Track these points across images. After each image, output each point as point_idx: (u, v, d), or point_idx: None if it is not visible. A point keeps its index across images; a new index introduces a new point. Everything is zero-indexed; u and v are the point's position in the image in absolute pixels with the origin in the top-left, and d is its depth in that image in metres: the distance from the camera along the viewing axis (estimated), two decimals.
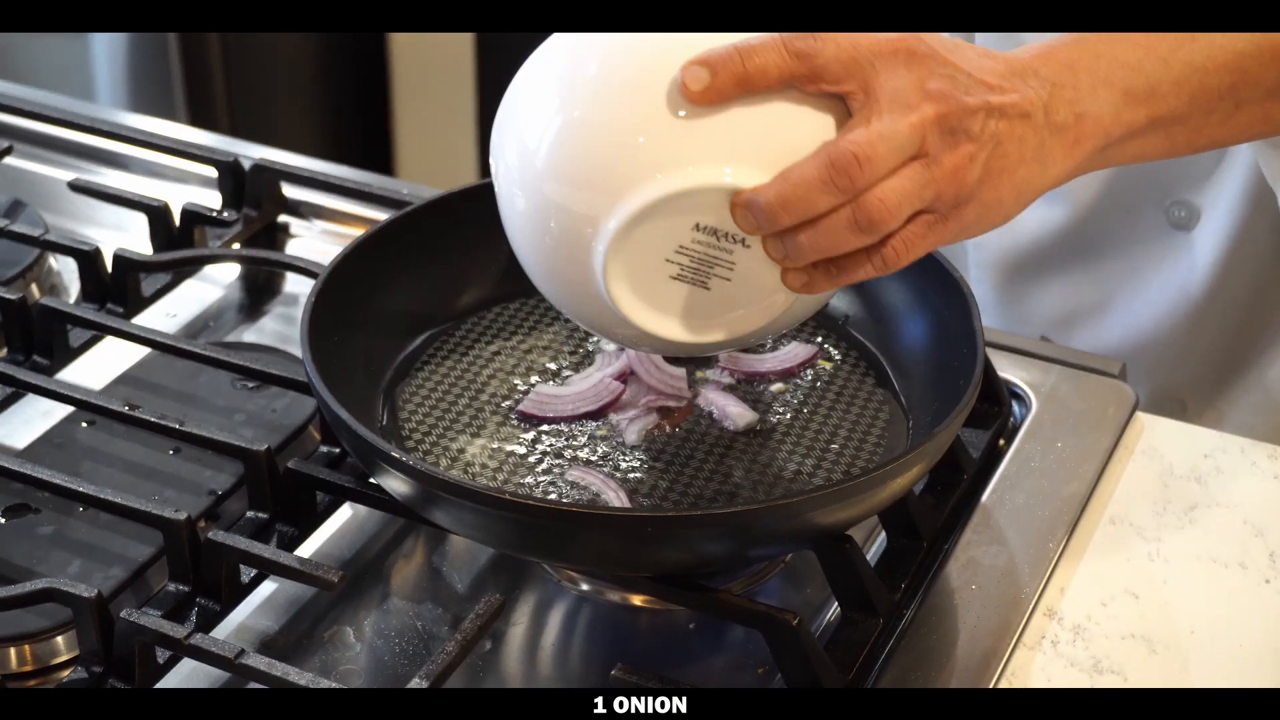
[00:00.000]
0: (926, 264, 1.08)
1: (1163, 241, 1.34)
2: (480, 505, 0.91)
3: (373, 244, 1.11)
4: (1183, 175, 1.32)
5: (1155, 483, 1.11)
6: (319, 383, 0.98)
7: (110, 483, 1.06)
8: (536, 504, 0.93)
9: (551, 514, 0.91)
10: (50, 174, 1.45)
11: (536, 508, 0.92)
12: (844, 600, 0.98)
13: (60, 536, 1.04)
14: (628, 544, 0.92)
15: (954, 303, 1.06)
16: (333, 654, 1.01)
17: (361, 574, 1.07)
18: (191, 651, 0.91)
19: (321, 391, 0.97)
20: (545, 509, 0.92)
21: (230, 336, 1.29)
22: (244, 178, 1.33)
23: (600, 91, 0.90)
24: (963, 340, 1.03)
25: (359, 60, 2.98)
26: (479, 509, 0.91)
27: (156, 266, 1.23)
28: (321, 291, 1.05)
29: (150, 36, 2.56)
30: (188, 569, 0.98)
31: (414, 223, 1.15)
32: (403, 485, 0.94)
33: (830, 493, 0.91)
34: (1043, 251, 1.37)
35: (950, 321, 1.06)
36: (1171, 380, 1.38)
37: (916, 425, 1.06)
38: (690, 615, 1.03)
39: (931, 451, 0.95)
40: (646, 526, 0.91)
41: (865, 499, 0.92)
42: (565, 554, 0.98)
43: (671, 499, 1.00)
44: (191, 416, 1.11)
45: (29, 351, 1.17)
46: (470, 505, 0.91)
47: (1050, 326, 1.39)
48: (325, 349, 1.02)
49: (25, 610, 0.98)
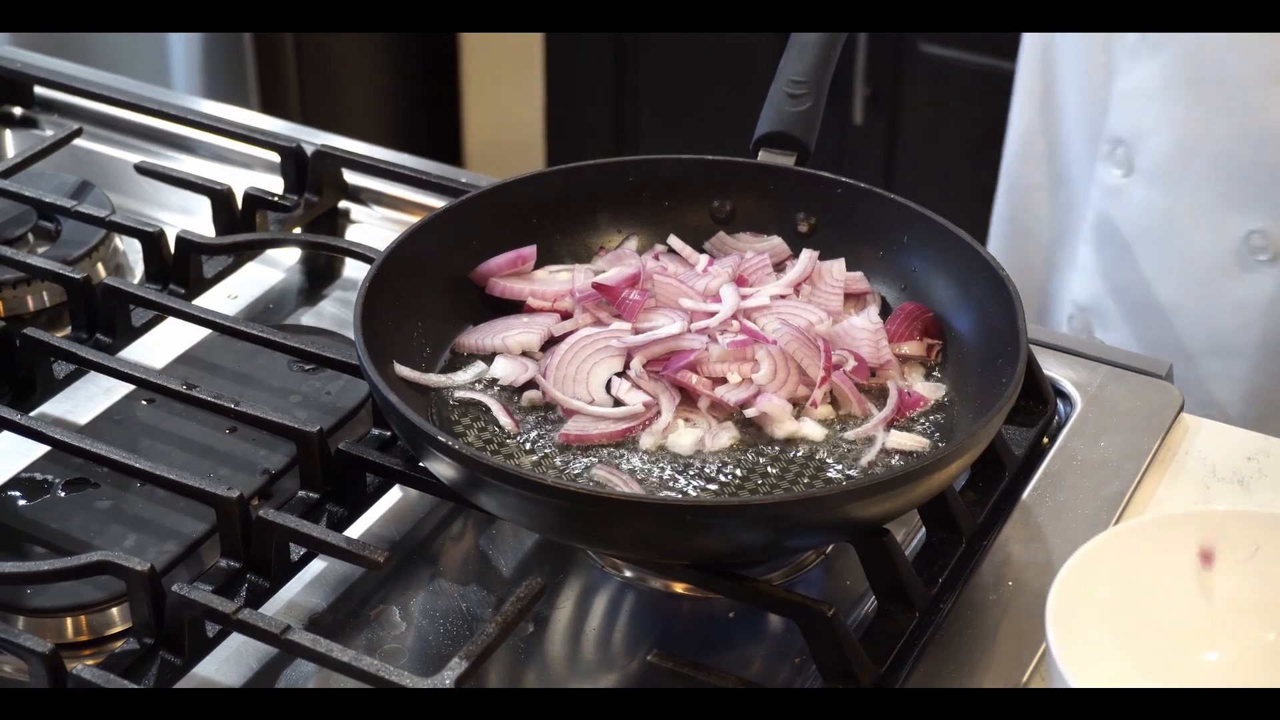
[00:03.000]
0: (973, 260, 1.09)
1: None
2: (523, 490, 0.93)
3: (429, 230, 1.14)
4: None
5: (1198, 484, 1.11)
6: (369, 366, 1.00)
7: (167, 460, 1.08)
8: (578, 490, 0.95)
9: (593, 500, 0.93)
10: (121, 156, 1.48)
11: (578, 494, 0.94)
12: (880, 593, 0.99)
13: (118, 511, 1.07)
14: (666, 531, 0.94)
15: (1000, 299, 1.06)
16: (378, 632, 1.03)
17: (410, 555, 1.09)
18: (239, 626, 0.94)
19: (371, 375, 0.99)
20: (587, 495, 0.94)
21: (290, 319, 1.31)
22: (306, 163, 1.36)
23: None
24: (1007, 339, 1.04)
25: (429, 51, 3.01)
26: (521, 494, 0.93)
27: (217, 249, 1.26)
28: (376, 276, 1.07)
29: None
30: (239, 546, 1.01)
31: (471, 210, 1.17)
32: (448, 469, 0.96)
33: (866, 487, 0.92)
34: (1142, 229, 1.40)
35: (995, 319, 1.07)
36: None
37: (961, 421, 1.07)
38: (730, 604, 1.05)
39: (967, 451, 0.96)
40: (685, 515, 0.93)
41: (901, 494, 0.93)
42: (605, 540, 1.00)
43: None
44: (248, 397, 1.13)
45: (92, 330, 1.20)
46: (513, 490, 0.93)
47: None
48: (379, 333, 1.05)
49: (82, 581, 1.00)
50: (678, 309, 1.12)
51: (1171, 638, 0.94)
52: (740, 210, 1.21)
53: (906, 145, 2.63)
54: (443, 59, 3.02)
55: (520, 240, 1.18)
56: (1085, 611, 0.91)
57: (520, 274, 1.17)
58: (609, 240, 1.21)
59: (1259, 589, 0.94)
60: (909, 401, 1.07)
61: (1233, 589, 0.94)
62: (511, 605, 0.94)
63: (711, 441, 1.04)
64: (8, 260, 1.23)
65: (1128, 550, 0.94)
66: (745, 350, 1.07)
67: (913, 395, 1.08)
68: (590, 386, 1.08)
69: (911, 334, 1.11)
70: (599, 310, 1.12)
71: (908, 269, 1.15)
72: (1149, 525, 0.96)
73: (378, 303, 1.07)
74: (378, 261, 1.09)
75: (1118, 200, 1.51)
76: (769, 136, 1.21)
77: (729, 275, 1.14)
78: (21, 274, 1.25)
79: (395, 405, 0.98)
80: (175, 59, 2.63)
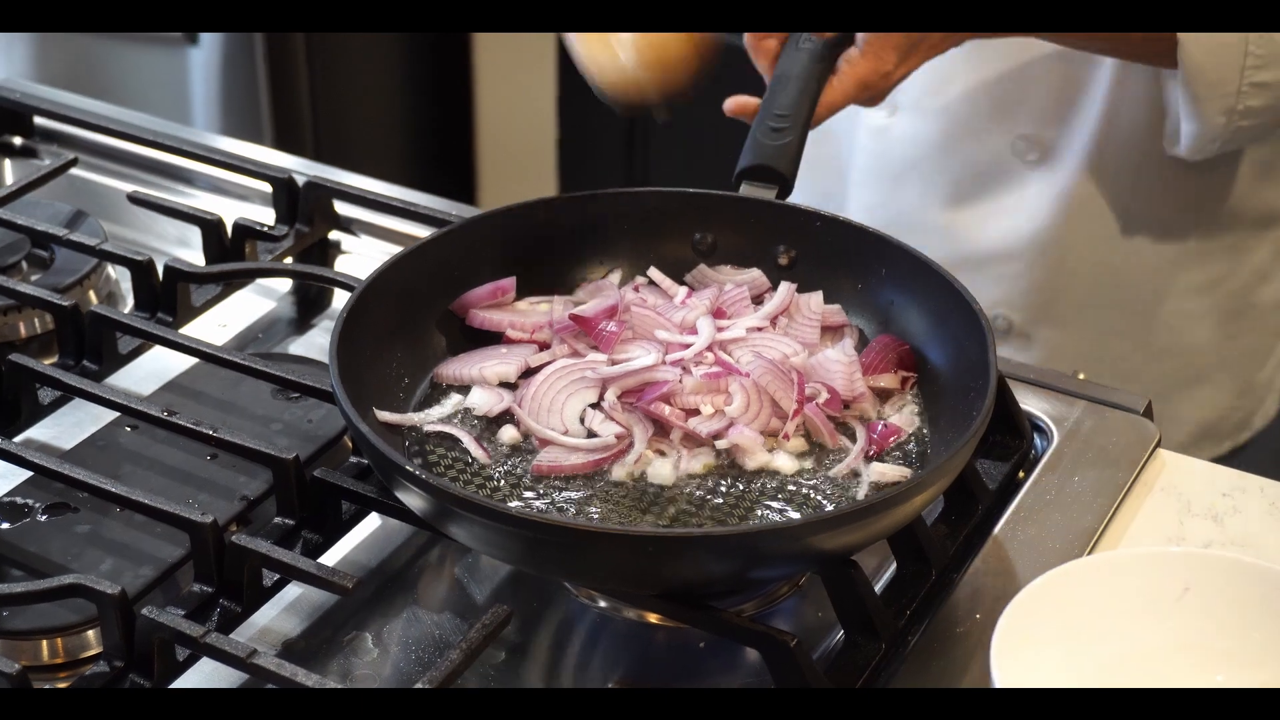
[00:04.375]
0: (948, 293, 1.10)
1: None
2: (486, 520, 0.94)
3: (411, 260, 1.15)
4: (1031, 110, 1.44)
5: (1172, 519, 1.11)
6: (341, 394, 1.01)
7: (148, 485, 1.10)
8: (544, 521, 0.95)
9: (556, 530, 0.94)
10: (121, 187, 1.49)
11: (544, 524, 0.94)
12: (847, 623, 1.00)
13: (96, 535, 1.08)
14: (632, 562, 0.94)
15: (973, 333, 1.07)
16: (350, 659, 1.04)
17: (387, 583, 1.10)
18: (207, 650, 0.95)
19: (343, 403, 1.00)
20: (552, 526, 0.95)
21: (279, 348, 1.32)
22: (298, 194, 1.37)
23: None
24: (979, 372, 1.04)
25: (443, 91, 3.03)
26: (485, 524, 0.94)
27: (204, 278, 1.27)
28: (354, 306, 1.08)
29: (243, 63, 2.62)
30: (212, 570, 1.02)
31: (453, 241, 1.18)
32: (415, 499, 0.97)
33: (828, 519, 0.93)
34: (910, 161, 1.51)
35: (969, 351, 1.07)
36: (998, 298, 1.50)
37: (935, 451, 1.07)
38: (702, 634, 1.05)
39: (931, 485, 0.97)
40: (648, 546, 0.93)
41: (864, 527, 0.94)
42: (571, 570, 1.00)
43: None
44: (229, 424, 1.15)
45: (79, 356, 1.22)
46: (477, 520, 0.94)
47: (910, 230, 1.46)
48: (356, 362, 1.06)
49: (58, 605, 1.01)
50: (654, 340, 1.13)
51: (1114, 675, 0.94)
52: (722, 242, 1.22)
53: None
54: (456, 96, 3.03)
55: (502, 271, 1.19)
56: (1027, 652, 0.92)
57: (500, 305, 1.18)
58: (592, 272, 1.22)
59: (1193, 629, 0.95)
60: (886, 433, 1.08)
61: (1171, 629, 0.95)
62: (476, 632, 0.95)
63: (686, 465, 1.05)
64: (1, 288, 1.25)
65: (1073, 588, 0.95)
66: (718, 383, 1.08)
67: (889, 427, 1.08)
68: (564, 417, 1.08)
69: (887, 366, 1.12)
70: (576, 341, 1.13)
71: (885, 301, 1.16)
72: (1092, 564, 0.97)
73: (355, 332, 1.08)
74: (356, 291, 1.10)
75: (884, 137, 1.55)
76: (751, 170, 1.22)
77: (706, 307, 1.15)
78: (12, 301, 1.26)
79: (365, 434, 0.99)
80: (196, 97, 2.66)
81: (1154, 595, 0.96)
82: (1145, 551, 1.00)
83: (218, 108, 2.67)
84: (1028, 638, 0.92)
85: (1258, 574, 0.96)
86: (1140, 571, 0.97)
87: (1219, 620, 0.95)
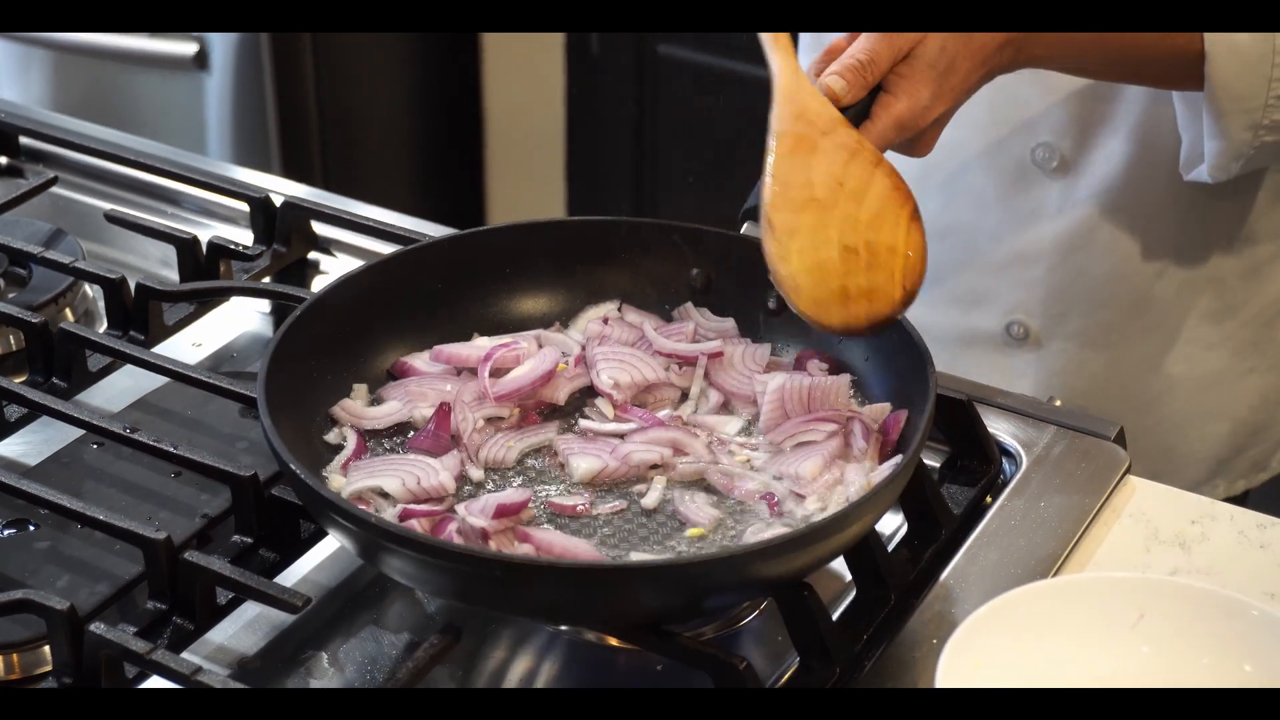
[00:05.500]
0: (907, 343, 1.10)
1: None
2: (414, 553, 0.93)
3: (353, 285, 1.15)
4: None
5: (1138, 546, 1.10)
6: (267, 421, 1.01)
7: (109, 503, 1.10)
8: (476, 554, 0.94)
9: (491, 564, 0.93)
10: (103, 206, 1.49)
11: (476, 558, 0.94)
12: (801, 648, 0.99)
13: (54, 552, 1.08)
14: (568, 597, 0.94)
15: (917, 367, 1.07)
16: (304, 678, 1.03)
17: (347, 602, 1.10)
18: (153, 666, 0.94)
19: (268, 429, 1.00)
20: (484, 559, 0.94)
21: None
22: (274, 214, 1.37)
23: None
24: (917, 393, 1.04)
25: (453, 122, 3.04)
26: (415, 558, 0.94)
27: (176, 296, 1.27)
28: (291, 328, 1.09)
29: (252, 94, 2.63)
30: (165, 587, 1.01)
31: (430, 257, 1.18)
32: (342, 534, 0.97)
33: (773, 547, 0.92)
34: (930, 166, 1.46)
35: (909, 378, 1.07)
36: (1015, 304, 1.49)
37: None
38: (660, 657, 1.04)
39: (872, 509, 0.96)
40: (589, 580, 0.93)
41: (807, 552, 0.93)
42: (506, 605, 1.00)
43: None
44: (195, 442, 1.14)
45: (49, 374, 1.22)
46: (408, 554, 0.94)
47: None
48: (294, 387, 1.06)
49: (13, 621, 1.01)
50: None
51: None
52: (716, 281, 1.21)
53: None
54: (465, 127, 3.04)
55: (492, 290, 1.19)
56: (976, 674, 0.91)
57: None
58: (578, 302, 1.22)
59: (1146, 655, 0.94)
60: (893, 423, 1.09)
61: (1124, 655, 0.94)
62: (423, 653, 0.94)
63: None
64: None
65: (1025, 612, 0.94)
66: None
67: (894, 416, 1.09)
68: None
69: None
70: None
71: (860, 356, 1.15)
72: (1046, 588, 0.97)
73: (293, 354, 1.08)
74: (295, 313, 1.10)
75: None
76: (755, 210, 1.20)
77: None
78: None
79: (285, 460, 0.99)
80: (211, 127, 2.68)
81: (1108, 621, 0.95)
82: (1100, 576, 0.99)
83: (229, 133, 2.68)
84: (977, 660, 0.91)
85: (1214, 600, 0.95)
86: (1095, 597, 0.96)
87: (1172, 647, 0.94)
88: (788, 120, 1.12)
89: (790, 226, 1.09)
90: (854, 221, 1.11)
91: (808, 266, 1.09)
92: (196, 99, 2.66)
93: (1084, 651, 0.94)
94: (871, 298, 1.10)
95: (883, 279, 1.11)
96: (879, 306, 1.09)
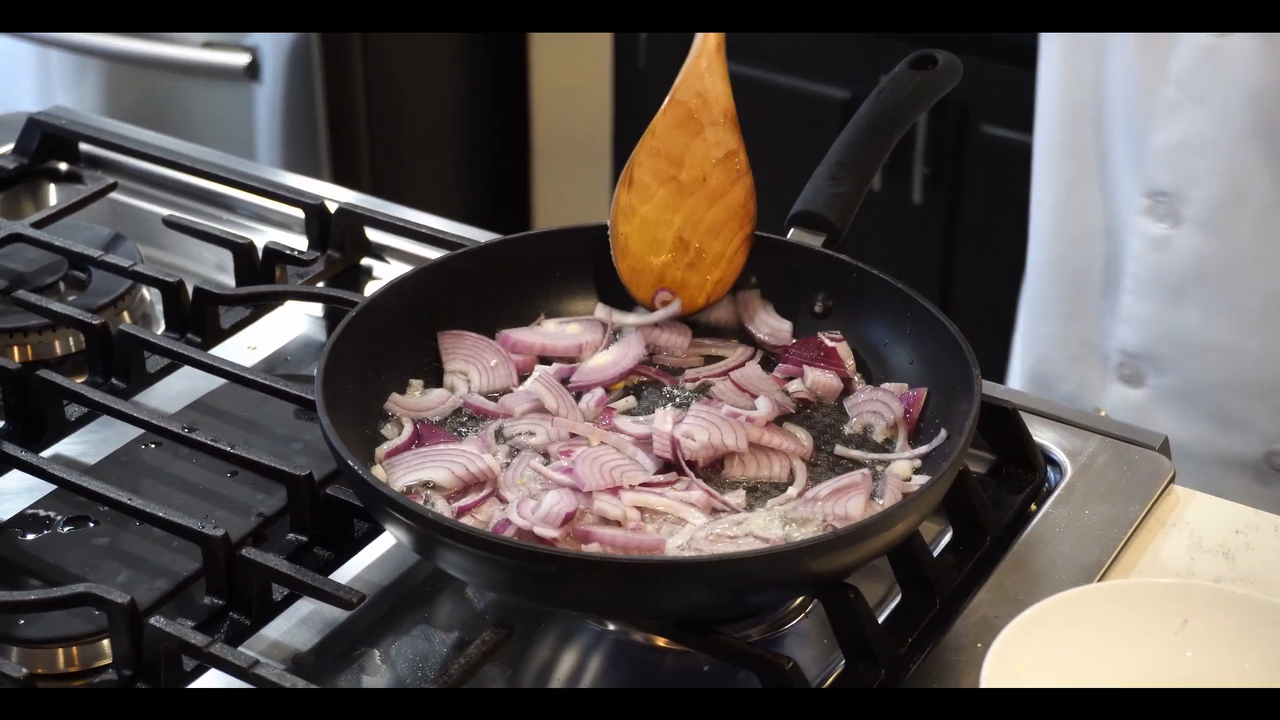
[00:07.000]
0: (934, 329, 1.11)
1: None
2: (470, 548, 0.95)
3: (405, 288, 1.17)
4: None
5: (1182, 555, 1.11)
6: (325, 420, 1.02)
7: (167, 501, 1.12)
8: (525, 549, 0.96)
9: (541, 558, 0.95)
10: (162, 212, 1.52)
11: (526, 551, 0.95)
12: (847, 649, 1.00)
13: (113, 549, 1.10)
14: (619, 592, 0.95)
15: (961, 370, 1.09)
16: (357, 675, 1.05)
17: (400, 601, 1.11)
18: (211, 659, 0.96)
19: (327, 429, 1.02)
20: (533, 553, 0.96)
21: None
22: (329, 220, 1.39)
23: None
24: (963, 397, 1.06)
25: (500, 125, 3.06)
26: (471, 552, 0.95)
27: (232, 300, 1.30)
28: (345, 331, 1.11)
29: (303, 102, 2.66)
30: (223, 584, 1.03)
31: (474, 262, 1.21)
32: (400, 529, 0.99)
33: (819, 545, 0.94)
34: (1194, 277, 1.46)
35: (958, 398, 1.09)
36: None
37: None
38: (706, 658, 1.06)
39: (916, 509, 0.98)
40: (637, 574, 0.94)
41: (852, 550, 0.95)
42: (557, 599, 1.01)
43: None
44: (250, 442, 1.16)
45: (108, 374, 1.24)
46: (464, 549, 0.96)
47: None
48: (350, 388, 1.08)
49: (74, 615, 1.03)
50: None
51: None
52: (763, 284, 1.22)
53: (966, 225, 2.63)
54: (512, 133, 3.07)
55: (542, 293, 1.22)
56: (1019, 678, 0.92)
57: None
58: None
59: (1189, 661, 0.95)
60: (913, 399, 1.11)
61: (1168, 661, 0.95)
62: (475, 649, 0.96)
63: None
64: (33, 306, 1.27)
65: (1070, 616, 0.95)
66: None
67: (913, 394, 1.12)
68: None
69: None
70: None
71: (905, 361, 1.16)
72: (1091, 593, 0.97)
73: (349, 356, 1.10)
74: (351, 314, 1.12)
75: (1164, 251, 1.50)
76: (801, 215, 1.21)
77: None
78: (47, 320, 1.29)
79: (345, 458, 1.00)
80: (261, 135, 2.71)
81: (1151, 626, 0.96)
82: (1144, 582, 1.00)
83: (279, 140, 2.71)
84: (1022, 663, 0.92)
85: (1257, 607, 0.96)
86: (1139, 602, 0.97)
87: (1215, 653, 0.95)
88: (688, 93, 1.17)
89: (646, 191, 1.18)
90: (698, 219, 1.18)
91: (642, 236, 1.17)
92: (247, 108, 2.70)
93: (1127, 656, 0.95)
94: (680, 292, 1.18)
95: (696, 282, 1.19)
96: (681, 304, 1.19)
